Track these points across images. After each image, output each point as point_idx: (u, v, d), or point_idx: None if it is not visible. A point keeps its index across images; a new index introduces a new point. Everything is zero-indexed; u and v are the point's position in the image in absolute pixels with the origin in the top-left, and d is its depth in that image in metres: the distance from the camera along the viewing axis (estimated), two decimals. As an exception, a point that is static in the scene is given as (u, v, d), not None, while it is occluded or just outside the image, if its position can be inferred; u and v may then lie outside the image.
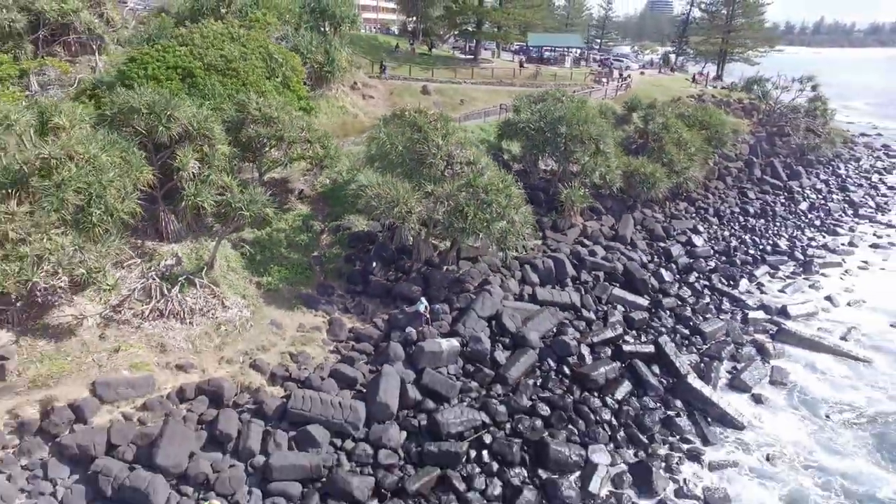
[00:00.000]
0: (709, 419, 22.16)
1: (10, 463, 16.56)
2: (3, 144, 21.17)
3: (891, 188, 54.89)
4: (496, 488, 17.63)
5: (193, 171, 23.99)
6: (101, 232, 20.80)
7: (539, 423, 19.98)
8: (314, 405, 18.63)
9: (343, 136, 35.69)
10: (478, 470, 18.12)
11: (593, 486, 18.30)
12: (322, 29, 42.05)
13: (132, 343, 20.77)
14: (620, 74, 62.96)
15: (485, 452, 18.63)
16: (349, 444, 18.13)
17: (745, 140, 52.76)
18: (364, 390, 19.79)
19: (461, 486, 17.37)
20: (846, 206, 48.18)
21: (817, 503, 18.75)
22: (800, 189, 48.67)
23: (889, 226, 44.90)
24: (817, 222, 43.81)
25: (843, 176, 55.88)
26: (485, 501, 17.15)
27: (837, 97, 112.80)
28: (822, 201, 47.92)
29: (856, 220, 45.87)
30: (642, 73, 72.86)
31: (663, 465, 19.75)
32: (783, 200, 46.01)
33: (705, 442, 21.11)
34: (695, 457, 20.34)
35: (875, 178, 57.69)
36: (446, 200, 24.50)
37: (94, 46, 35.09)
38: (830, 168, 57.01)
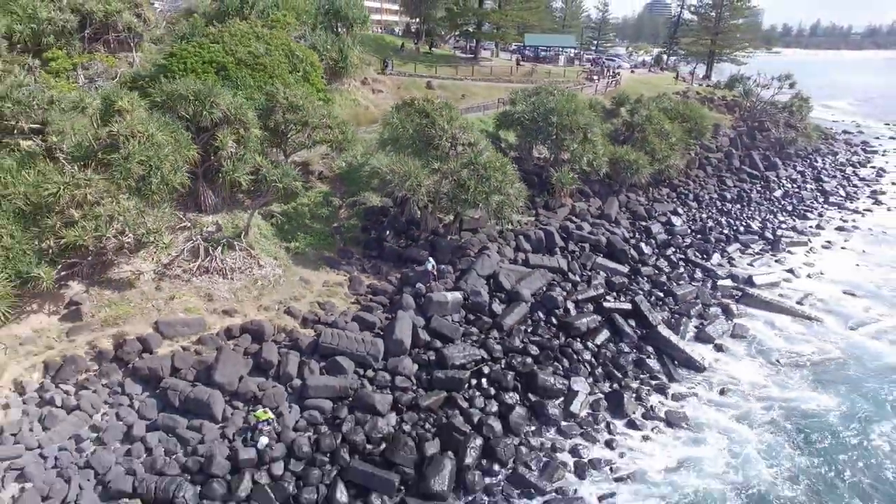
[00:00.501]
0: (675, 362, 25.73)
1: (93, 382, 20.08)
2: (76, 124, 24.66)
3: (862, 179, 58.48)
4: (493, 406, 21.18)
5: (231, 151, 27.52)
6: (157, 199, 24.39)
7: (529, 360, 23.55)
8: (341, 340, 22.19)
9: (356, 125, 39.10)
10: (478, 393, 21.68)
11: (574, 408, 21.87)
12: (335, 29, 45.60)
13: (184, 293, 24.34)
14: (613, 72, 66.55)
15: (483, 380, 22.17)
16: (370, 373, 21.66)
17: (727, 133, 56.31)
18: (382, 332, 23.33)
19: (464, 405, 20.90)
20: (818, 194, 51.76)
21: (760, 420, 22.32)
22: (776, 178, 52.23)
23: (855, 211, 48.50)
24: (789, 208, 47.39)
25: (819, 168, 59.44)
26: (483, 415, 20.67)
27: (827, 97, 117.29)
28: (796, 190, 51.51)
29: (826, 206, 49.45)
30: (632, 71, 76.52)
31: (634, 395, 23.32)
32: (759, 188, 49.57)
33: (671, 379, 24.71)
34: (661, 389, 23.91)
35: (849, 170, 61.25)
36: (451, 176, 28.07)
37: (131, 44, 38.62)
38: (808, 161, 60.53)
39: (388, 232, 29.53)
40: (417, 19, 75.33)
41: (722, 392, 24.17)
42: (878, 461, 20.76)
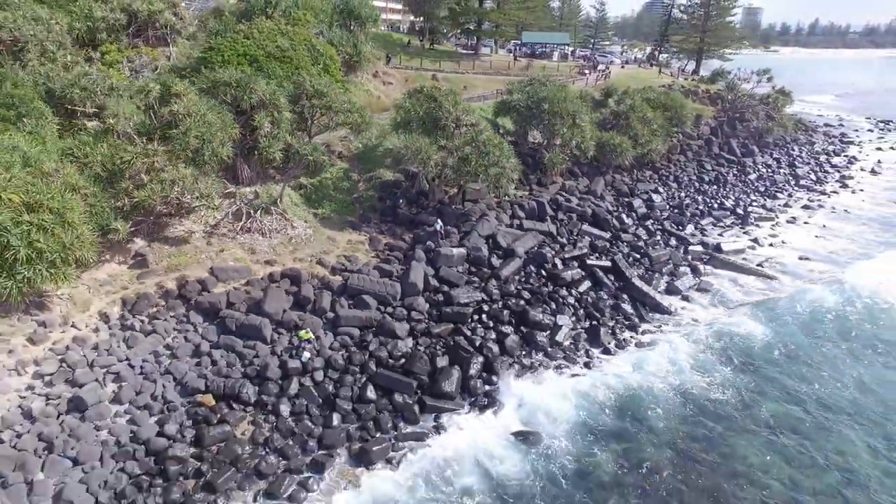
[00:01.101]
0: (646, 307, 30.04)
1: (163, 314, 24.36)
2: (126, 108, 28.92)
3: (834, 166, 62.65)
4: (492, 335, 25.49)
5: (266, 131, 31.85)
6: (208, 169, 28.71)
7: (522, 302, 27.85)
8: (365, 283, 26.49)
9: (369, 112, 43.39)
10: (479, 326, 25.99)
11: (559, 338, 26.19)
12: (349, 27, 49.82)
13: (231, 247, 28.65)
14: (605, 67, 70.75)
15: (484, 315, 26.48)
16: (390, 309, 25.94)
17: (708, 123, 60.52)
18: (398, 278, 27.58)
19: (468, 333, 25.21)
20: (791, 178, 56.00)
21: (709, 343, 26.73)
22: (752, 164, 56.45)
23: (822, 193, 52.75)
24: (762, 189, 51.64)
25: (795, 156, 63.62)
26: (484, 341, 24.97)
27: (815, 92, 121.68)
28: (770, 174, 55.70)
29: (796, 188, 53.70)
30: (622, 67, 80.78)
31: (609, 330, 27.66)
32: (735, 172, 53.78)
33: (641, 320, 29.04)
34: (632, 327, 28.26)
35: (823, 158, 65.43)
36: (455, 152, 32.36)
37: (168, 40, 42.84)
38: (785, 150, 64.68)
39: (401, 201, 33.82)
40: (421, 18, 79.54)
41: (678, 325, 28.57)
42: (794, 373, 25.26)
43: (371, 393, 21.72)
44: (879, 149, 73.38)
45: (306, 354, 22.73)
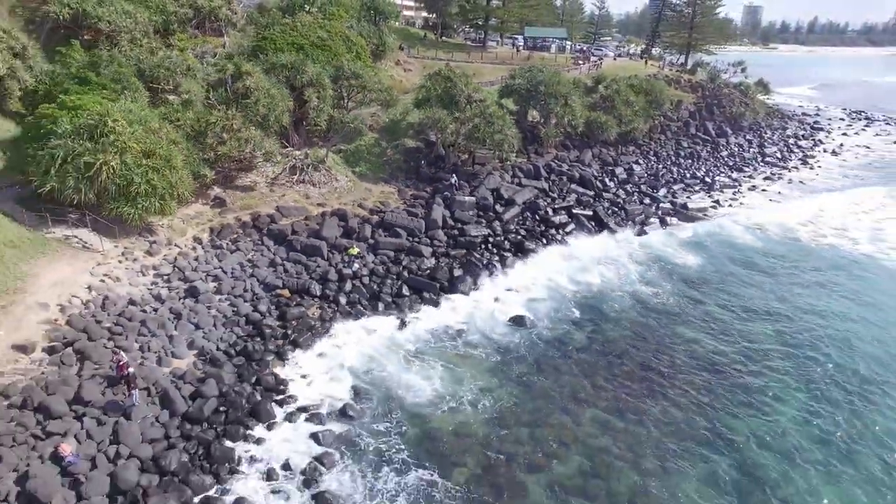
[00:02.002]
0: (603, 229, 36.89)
1: (242, 238, 31.24)
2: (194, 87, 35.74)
3: (800, 147, 69.05)
4: (495, 257, 32.35)
5: (314, 105, 38.70)
6: (272, 132, 35.59)
7: (519, 237, 34.69)
8: (397, 219, 33.37)
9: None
10: (486, 251, 32.85)
11: (547, 262, 33.05)
12: (375, 21, 56.54)
13: (289, 194, 35.51)
14: (598, 59, 77.24)
15: (489, 244, 33.35)
16: (417, 238, 32.82)
17: (688, 107, 66.92)
18: (423, 218, 34.39)
19: (477, 255, 32.06)
20: (759, 156, 62.49)
21: (659, 252, 33.65)
22: (725, 143, 62.96)
23: (784, 168, 59.30)
24: (731, 164, 58.21)
25: (766, 138, 70.01)
26: (489, 259, 31.83)
27: (799, 85, 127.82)
28: (741, 152, 62.23)
29: (762, 164, 60.22)
30: (615, 59, 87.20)
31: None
32: (709, 149, 60.30)
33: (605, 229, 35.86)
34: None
35: (792, 141, 71.80)
36: (467, 122, 39.12)
37: (223, 31, 49.71)
38: (758, 133, 71.06)
39: (423, 163, 40.62)
40: (434, 14, 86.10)
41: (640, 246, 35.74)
42: (714, 279, 32.53)
43: (406, 291, 28.64)
44: (845, 134, 79.73)
45: (356, 265, 29.66)
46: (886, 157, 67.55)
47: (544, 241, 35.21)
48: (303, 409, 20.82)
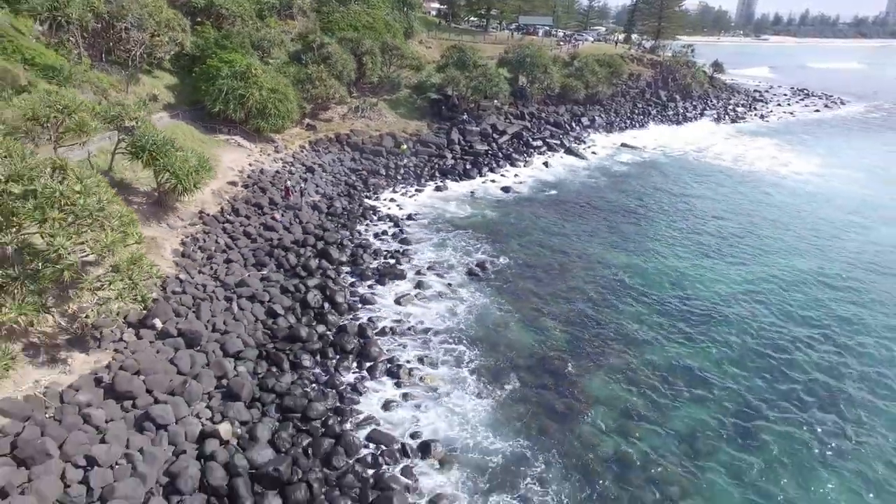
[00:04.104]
0: (574, 154, 53.82)
1: (330, 148, 48.31)
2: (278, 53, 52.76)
3: (736, 112, 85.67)
4: (493, 162, 49.40)
5: (369, 67, 55.63)
6: (343, 84, 52.56)
7: (510, 151, 51.75)
8: (428, 138, 50.43)
9: (419, 64, 66.99)
10: (486, 158, 49.90)
11: (528, 163, 50.14)
12: (404, 10, 73.28)
13: (356, 124, 52.47)
14: (578, 42, 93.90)
15: (488, 155, 50.38)
16: (441, 150, 49.85)
17: (646, 79, 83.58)
18: (444, 138, 51.38)
19: (481, 161, 49.09)
20: (699, 115, 79.27)
21: (605, 164, 50.60)
22: (673, 106, 79.70)
23: (716, 122, 76.15)
24: (674, 117, 75.04)
25: (710, 104, 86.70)
26: (491, 157, 48.89)
27: (751, 62, 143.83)
28: (684, 112, 78.99)
29: (701, 118, 77.07)
30: (593, 42, 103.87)
31: (552, 157, 51.58)
32: (658, 109, 77.08)
33: (569, 153, 52.92)
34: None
35: (731, 107, 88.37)
36: (474, 80, 56.01)
37: (294, 16, 66.43)
38: (705, 101, 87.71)
39: (443, 108, 57.55)
40: (445, 6, 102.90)
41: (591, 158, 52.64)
42: (635, 176, 48.95)
43: (437, 175, 45.78)
44: (779, 105, 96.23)
45: (405, 160, 46.72)
46: (801, 122, 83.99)
47: (525, 156, 52.26)
48: (386, 216, 37.88)
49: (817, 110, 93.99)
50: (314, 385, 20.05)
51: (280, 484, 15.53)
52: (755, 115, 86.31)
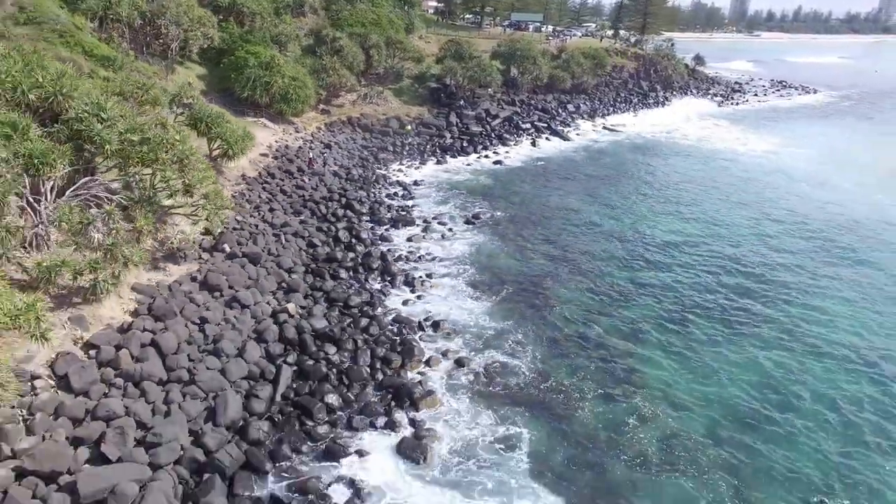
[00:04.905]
0: (560, 137, 60.20)
1: (342, 129, 54.66)
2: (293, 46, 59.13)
3: (715, 101, 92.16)
4: (486, 141, 55.77)
5: (375, 58, 61.95)
6: (353, 73, 58.88)
7: (503, 132, 58.13)
8: (429, 121, 56.80)
9: (419, 57, 73.30)
10: (483, 138, 56.26)
11: (521, 139, 56.57)
12: (405, 8, 79.55)
13: (364, 108, 58.82)
14: (566, 38, 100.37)
15: (483, 135, 56.77)
16: (440, 131, 56.21)
17: (629, 71, 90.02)
18: (444, 121, 57.72)
19: (476, 140, 55.45)
20: (676, 99, 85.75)
21: (586, 143, 57.04)
22: (654, 96, 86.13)
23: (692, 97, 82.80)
24: (653, 104, 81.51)
25: (692, 93, 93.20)
26: (489, 135, 55.27)
27: (740, 58, 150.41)
28: (664, 99, 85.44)
29: (676, 102, 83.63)
30: (581, 38, 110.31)
31: (545, 136, 57.95)
32: (639, 97, 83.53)
33: (559, 137, 59.30)
34: (556, 134, 58.57)
35: (710, 97, 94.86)
36: (469, 70, 62.34)
37: (305, 13, 72.70)
38: (686, 91, 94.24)
39: (441, 95, 63.86)
40: (443, 4, 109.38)
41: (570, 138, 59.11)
42: (617, 154, 55.36)
43: (438, 151, 52.13)
44: (755, 95, 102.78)
45: (409, 139, 53.07)
46: (771, 108, 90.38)
47: (516, 137, 58.68)
48: (396, 182, 44.19)
49: (790, 98, 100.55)
50: (351, 289, 26.41)
51: (334, 340, 21.89)
52: (731, 103, 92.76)
